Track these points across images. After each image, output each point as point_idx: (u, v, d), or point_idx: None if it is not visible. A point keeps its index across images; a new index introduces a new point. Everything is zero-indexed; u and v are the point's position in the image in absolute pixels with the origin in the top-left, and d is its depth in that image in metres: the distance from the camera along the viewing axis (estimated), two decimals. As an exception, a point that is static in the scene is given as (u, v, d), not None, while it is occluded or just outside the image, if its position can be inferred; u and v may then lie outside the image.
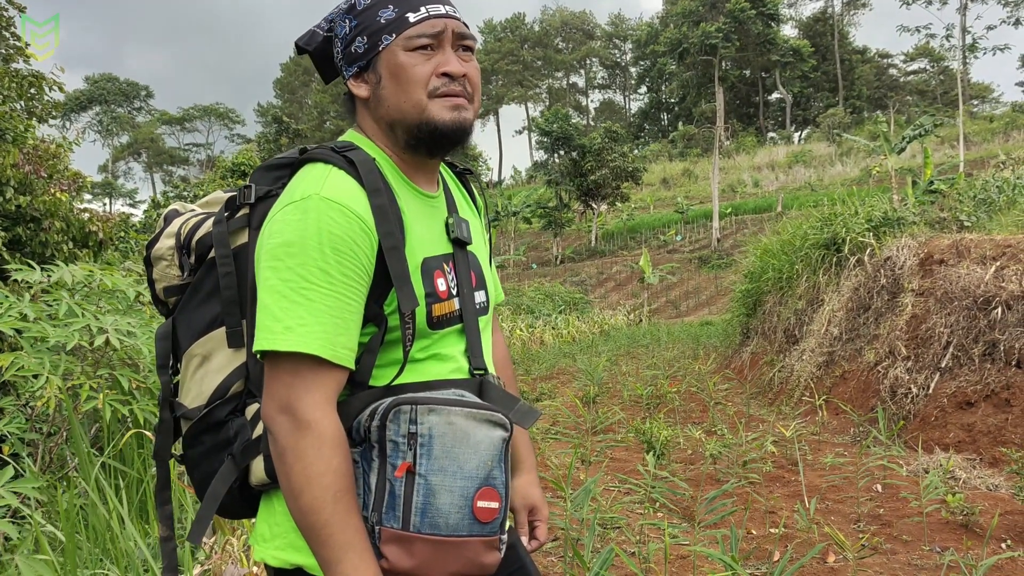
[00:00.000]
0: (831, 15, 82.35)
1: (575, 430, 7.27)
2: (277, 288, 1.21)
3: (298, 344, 1.19)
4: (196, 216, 1.46)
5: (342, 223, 1.23)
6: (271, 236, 1.25)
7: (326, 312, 1.21)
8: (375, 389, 1.30)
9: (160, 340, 1.43)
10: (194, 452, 1.38)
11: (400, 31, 1.32)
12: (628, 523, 4.32)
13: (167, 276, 1.44)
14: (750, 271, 12.23)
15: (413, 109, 1.33)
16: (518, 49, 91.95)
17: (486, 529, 1.21)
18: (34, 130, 7.11)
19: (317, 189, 1.25)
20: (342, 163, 1.30)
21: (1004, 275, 6.41)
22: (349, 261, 1.23)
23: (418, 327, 1.31)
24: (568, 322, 24.09)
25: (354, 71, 1.38)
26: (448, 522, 1.18)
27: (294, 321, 1.20)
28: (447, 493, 1.18)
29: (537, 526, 1.68)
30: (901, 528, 4.29)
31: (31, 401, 4.07)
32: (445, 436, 1.19)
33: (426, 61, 1.33)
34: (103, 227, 6.72)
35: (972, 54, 56.36)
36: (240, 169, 23.41)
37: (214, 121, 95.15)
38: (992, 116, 63.77)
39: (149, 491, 3.78)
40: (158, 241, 1.46)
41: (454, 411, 1.21)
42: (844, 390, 7.67)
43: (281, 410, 1.21)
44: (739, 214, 49.37)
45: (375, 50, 1.34)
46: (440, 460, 1.18)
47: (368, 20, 1.34)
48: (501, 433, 1.24)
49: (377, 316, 1.30)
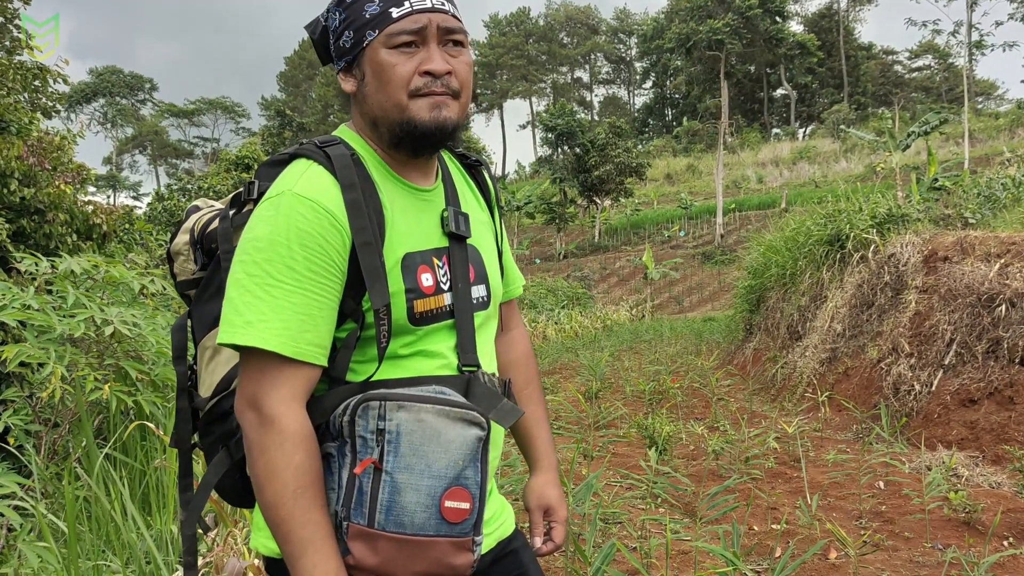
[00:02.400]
0: (837, 11, 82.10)
1: (577, 425, 7.27)
2: (242, 282, 1.22)
3: (256, 339, 1.19)
4: (212, 212, 1.48)
5: (311, 219, 1.23)
6: (245, 231, 1.26)
7: (289, 309, 1.21)
8: (352, 385, 1.29)
9: (176, 332, 1.45)
10: (206, 441, 1.41)
11: (382, 27, 1.30)
12: (630, 518, 4.32)
13: (185, 271, 1.47)
14: (753, 267, 12.22)
15: (394, 109, 1.31)
16: (523, 44, 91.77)
17: (455, 530, 1.19)
18: (38, 122, 7.12)
19: (291, 185, 1.26)
20: (321, 158, 1.30)
21: (1008, 272, 6.39)
22: (317, 257, 1.23)
23: (397, 324, 1.30)
24: (571, 317, 24.07)
25: (342, 65, 1.37)
26: (414, 520, 1.17)
27: (255, 316, 1.20)
28: (413, 491, 1.16)
29: (554, 527, 1.64)
30: (903, 525, 4.29)
31: (36, 392, 4.08)
32: (413, 433, 1.17)
33: (408, 59, 1.30)
34: (107, 219, 6.74)
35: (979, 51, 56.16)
36: (244, 162, 23.36)
37: (220, 115, 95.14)
38: (997, 113, 63.54)
39: (151, 482, 3.79)
40: (176, 236, 1.49)
41: (425, 408, 1.19)
42: (847, 387, 7.66)
43: (248, 405, 1.22)
44: (743, 210, 49.34)
45: (359, 46, 1.32)
46: (407, 458, 1.16)
47: (355, 14, 1.33)
48: (476, 432, 1.22)
49: (355, 312, 1.29)
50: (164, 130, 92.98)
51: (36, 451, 3.84)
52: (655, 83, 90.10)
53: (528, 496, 1.66)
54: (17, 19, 7.69)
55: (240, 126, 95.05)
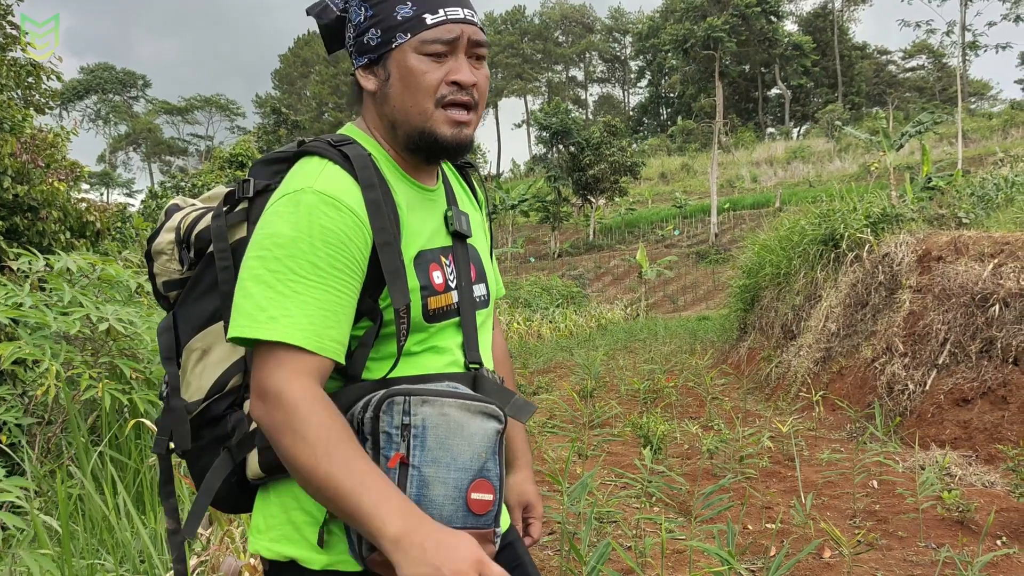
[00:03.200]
0: (831, 11, 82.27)
1: (572, 424, 7.27)
2: (264, 278, 1.20)
3: (281, 334, 1.17)
4: (196, 210, 1.45)
5: (334, 217, 1.23)
6: (262, 227, 1.24)
7: (314, 305, 1.20)
8: (368, 382, 1.29)
9: (163, 333, 1.43)
10: (195, 446, 1.37)
11: (416, 32, 1.30)
12: (625, 517, 4.33)
13: (168, 270, 1.44)
14: (748, 266, 12.23)
15: (419, 116, 1.32)
16: (518, 42, 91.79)
17: (480, 521, 1.21)
18: (31, 119, 7.09)
19: (311, 183, 1.25)
20: (337, 157, 1.30)
21: (1002, 272, 6.41)
22: (340, 255, 1.23)
23: (413, 321, 1.31)
24: (565, 316, 24.09)
25: (364, 62, 1.36)
26: (442, 514, 1.18)
27: (279, 312, 1.18)
28: (441, 485, 1.18)
29: (531, 523, 1.69)
30: (897, 524, 4.30)
31: (29, 390, 4.06)
32: (439, 427, 1.18)
33: (438, 68, 1.31)
34: (100, 217, 6.72)
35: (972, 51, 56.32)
36: (238, 160, 23.29)
37: (215, 112, 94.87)
38: (991, 113, 63.80)
39: (146, 482, 3.77)
40: (159, 235, 1.46)
41: (448, 402, 1.20)
42: (841, 386, 7.68)
43: (258, 394, 1.19)
44: (737, 209, 49.40)
45: (387, 46, 1.32)
46: (434, 451, 1.18)
47: (384, 13, 1.32)
48: (495, 425, 1.24)
49: (372, 310, 1.29)
50: (158, 127, 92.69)
51: (31, 448, 3.83)
52: (650, 82, 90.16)
53: (508, 494, 1.68)
54: (10, 15, 7.65)
55: (235, 124, 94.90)
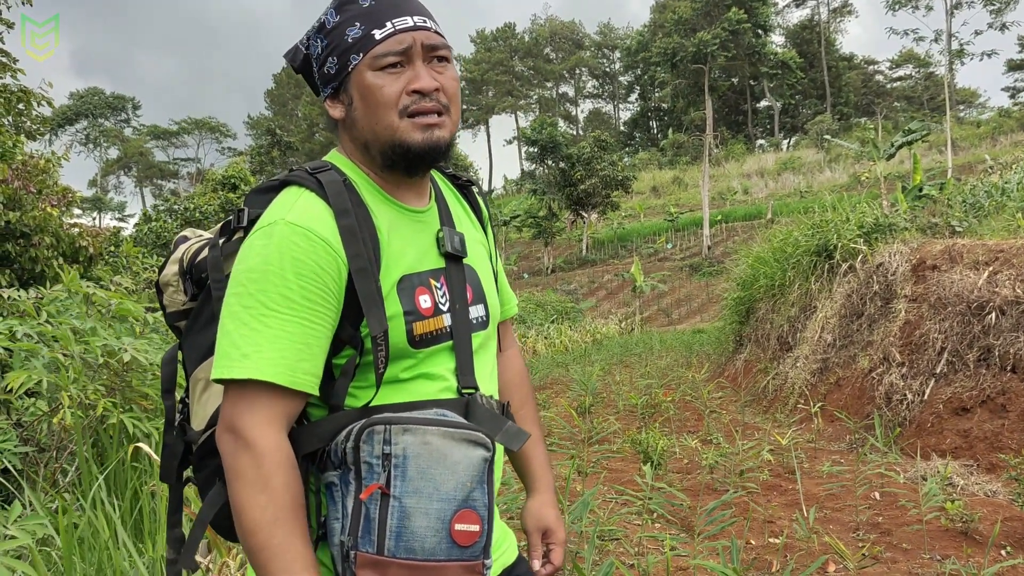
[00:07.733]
0: (818, 22, 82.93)
1: (570, 441, 7.24)
2: (238, 315, 1.20)
3: (252, 371, 1.17)
4: (201, 241, 1.45)
5: (305, 247, 1.22)
6: (238, 262, 1.25)
7: (286, 338, 1.19)
8: (351, 411, 1.27)
9: (166, 364, 1.43)
10: (200, 476, 1.37)
11: (367, 50, 1.29)
12: (626, 535, 4.29)
13: (175, 302, 1.44)
14: (742, 278, 12.24)
15: (385, 131, 1.30)
16: (508, 59, 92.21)
17: (466, 553, 1.18)
18: (22, 145, 7.07)
19: (284, 214, 1.24)
20: (313, 185, 1.29)
21: (997, 280, 6.42)
22: (313, 285, 1.22)
23: (397, 347, 1.28)
24: (560, 331, 24.07)
25: (329, 92, 1.36)
26: (424, 546, 1.15)
27: (251, 348, 1.18)
28: (423, 516, 1.15)
29: (553, 549, 1.63)
30: (901, 536, 4.27)
31: (23, 418, 4.03)
32: (420, 456, 1.16)
33: (395, 80, 1.29)
34: (93, 242, 6.70)
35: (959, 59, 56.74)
36: (231, 182, 23.25)
37: (204, 134, 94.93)
38: (979, 121, 64.24)
39: (145, 508, 3.73)
40: (165, 267, 1.47)
41: (430, 431, 1.17)
42: (839, 397, 7.66)
43: (227, 429, 1.19)
44: (729, 221, 49.56)
45: (345, 71, 1.31)
46: (415, 481, 1.15)
47: (337, 40, 1.32)
48: (482, 453, 1.20)
49: (353, 338, 1.28)
50: (149, 151, 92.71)
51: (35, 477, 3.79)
52: (640, 96, 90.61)
53: (526, 518, 1.64)
54: (1, 43, 7.64)
55: (224, 146, 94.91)
